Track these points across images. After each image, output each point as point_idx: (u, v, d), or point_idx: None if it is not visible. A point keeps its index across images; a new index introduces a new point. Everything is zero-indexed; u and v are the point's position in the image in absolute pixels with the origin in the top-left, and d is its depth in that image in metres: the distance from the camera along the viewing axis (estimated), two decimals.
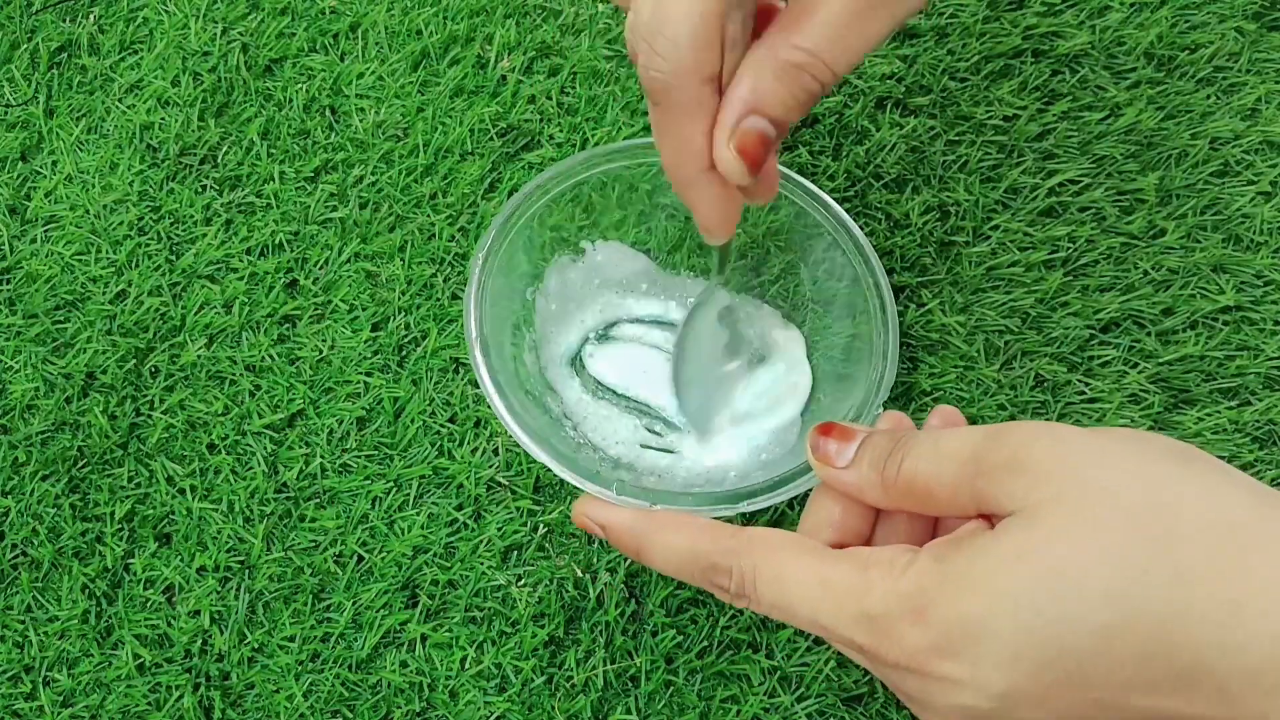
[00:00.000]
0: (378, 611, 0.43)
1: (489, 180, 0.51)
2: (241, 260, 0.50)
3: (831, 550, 0.30)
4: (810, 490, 0.36)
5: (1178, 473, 0.26)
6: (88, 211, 0.51)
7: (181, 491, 0.45)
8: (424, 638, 0.43)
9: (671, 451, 0.45)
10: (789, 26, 0.30)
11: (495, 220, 0.42)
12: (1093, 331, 0.48)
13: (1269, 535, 0.25)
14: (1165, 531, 0.25)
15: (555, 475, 0.38)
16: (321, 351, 0.48)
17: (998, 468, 0.28)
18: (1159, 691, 0.25)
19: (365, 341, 0.48)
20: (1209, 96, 0.53)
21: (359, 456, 0.46)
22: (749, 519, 0.44)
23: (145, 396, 0.47)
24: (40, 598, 0.44)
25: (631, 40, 0.31)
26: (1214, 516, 0.25)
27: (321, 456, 0.46)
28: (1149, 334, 0.48)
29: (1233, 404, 0.47)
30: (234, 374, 0.48)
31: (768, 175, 0.36)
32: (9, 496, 0.45)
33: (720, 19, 0.30)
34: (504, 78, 0.54)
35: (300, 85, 0.54)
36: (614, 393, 0.46)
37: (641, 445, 0.45)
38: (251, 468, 0.46)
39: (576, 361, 0.47)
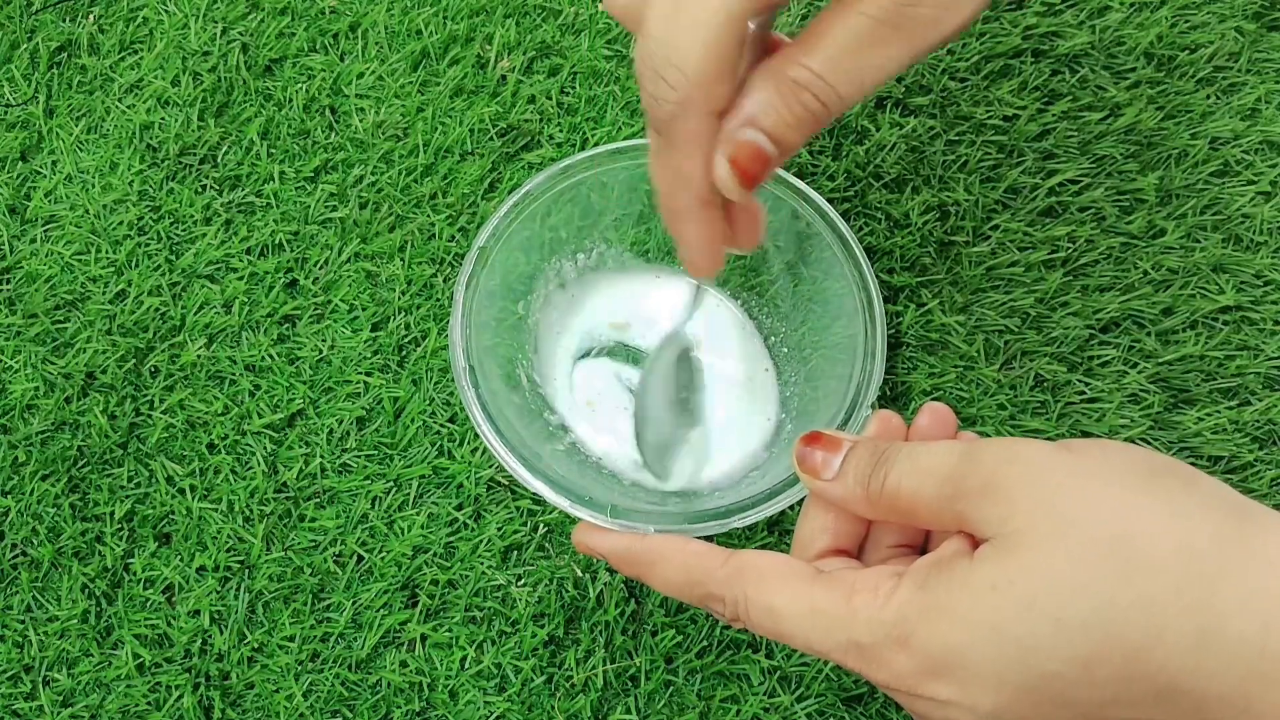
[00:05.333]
0: (377, 611, 0.43)
1: (489, 180, 0.51)
2: (241, 260, 0.50)
3: (819, 575, 0.30)
4: (801, 499, 0.36)
5: (1144, 498, 0.27)
6: (88, 211, 0.51)
7: (181, 491, 0.46)
8: (424, 638, 0.43)
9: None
10: (800, 46, 0.30)
11: (474, 243, 0.42)
12: (1093, 331, 0.48)
13: (1233, 558, 0.25)
14: (1130, 563, 0.26)
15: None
16: (321, 351, 0.48)
17: (974, 491, 0.28)
18: (1140, 707, 0.26)
19: (365, 341, 0.48)
20: (1209, 96, 0.53)
21: (359, 456, 0.46)
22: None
23: (145, 396, 0.47)
24: (40, 598, 0.44)
25: (640, 67, 0.30)
26: (1179, 543, 0.26)
27: (321, 456, 0.46)
28: (1149, 334, 0.48)
29: (1233, 404, 0.47)
30: (234, 374, 0.48)
31: (753, 220, 0.36)
32: (9, 496, 0.46)
33: (734, 55, 0.29)
34: (504, 78, 0.54)
35: (300, 85, 0.54)
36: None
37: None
38: (251, 468, 0.46)
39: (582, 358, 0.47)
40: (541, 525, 0.45)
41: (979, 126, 0.52)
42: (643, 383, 0.44)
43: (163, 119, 0.53)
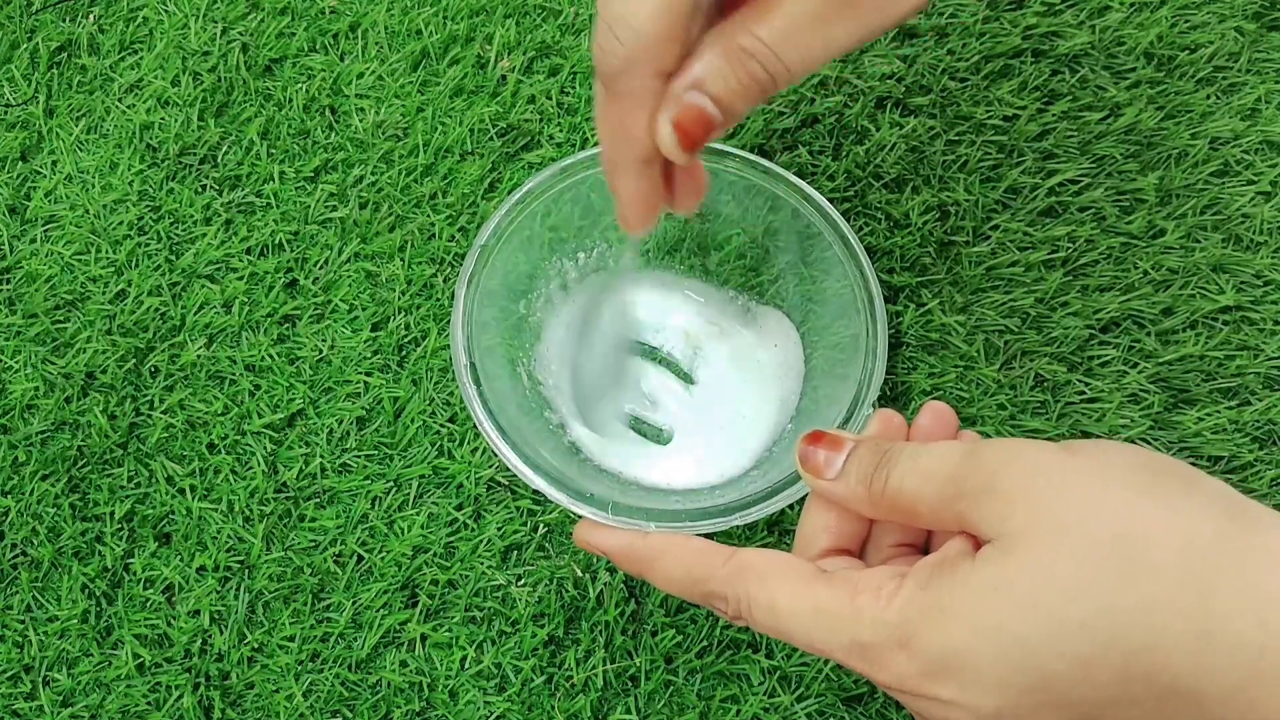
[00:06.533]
0: (377, 611, 0.43)
1: (489, 180, 0.51)
2: (241, 260, 0.50)
3: (822, 574, 0.30)
4: (802, 498, 0.36)
5: (1145, 499, 0.27)
6: (88, 211, 0.51)
7: (181, 491, 0.45)
8: (424, 638, 0.43)
9: (664, 434, 0.45)
10: (752, 14, 0.30)
11: (475, 241, 0.42)
12: (1093, 331, 0.48)
13: (1232, 558, 0.25)
14: (1131, 564, 0.26)
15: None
16: (321, 351, 0.48)
17: (976, 491, 0.28)
18: (1142, 707, 0.26)
19: (365, 341, 0.48)
20: (1209, 96, 0.53)
21: (359, 456, 0.46)
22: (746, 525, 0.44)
23: (145, 396, 0.47)
24: (40, 598, 0.44)
25: (598, 18, 0.30)
26: (1179, 544, 0.26)
27: (321, 456, 0.46)
28: (1149, 334, 0.48)
29: (1233, 404, 0.47)
30: (234, 374, 0.48)
31: (695, 182, 0.36)
32: (9, 496, 0.45)
33: (686, 17, 0.29)
34: (504, 78, 0.54)
35: (300, 85, 0.54)
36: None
37: (633, 423, 0.45)
38: (251, 467, 0.46)
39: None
40: (541, 525, 0.45)
41: (979, 126, 0.52)
42: (577, 337, 0.44)
43: (163, 119, 0.53)
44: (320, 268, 0.50)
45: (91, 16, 0.56)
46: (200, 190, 0.52)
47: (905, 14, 0.30)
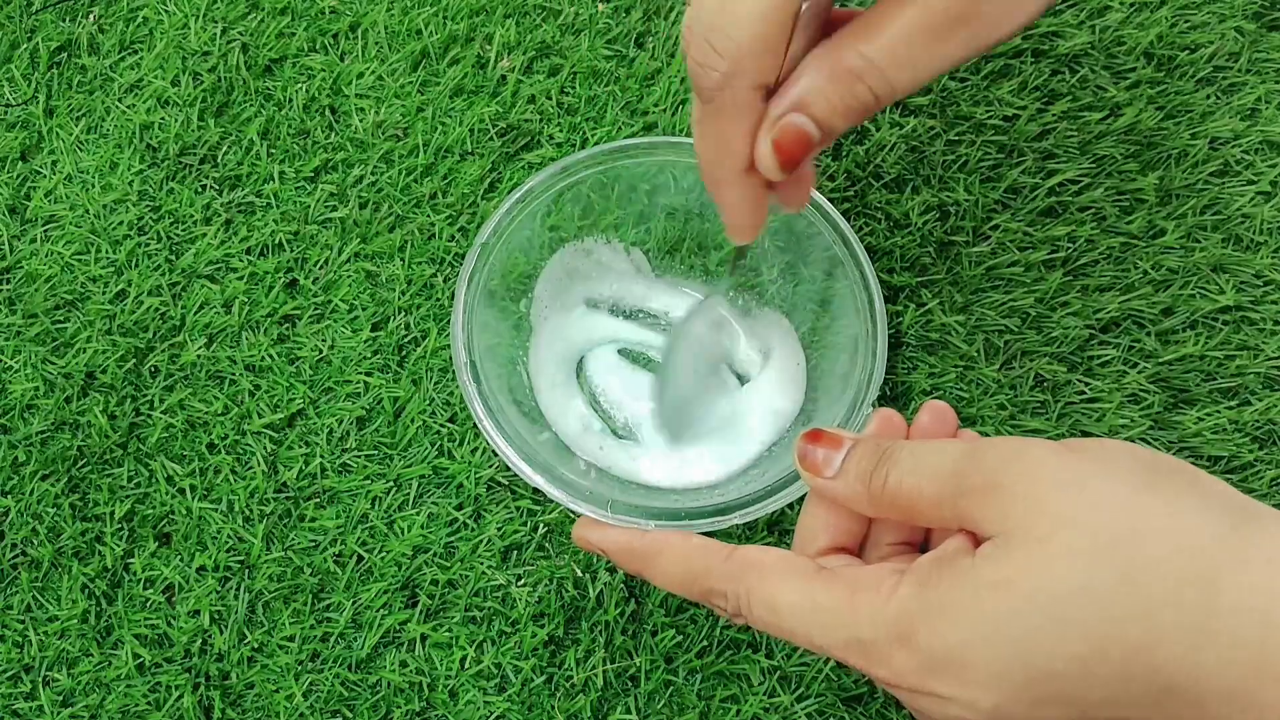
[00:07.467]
0: (377, 611, 0.43)
1: (489, 180, 0.51)
2: (241, 260, 0.50)
3: (822, 571, 0.30)
4: (802, 497, 0.36)
5: (1146, 497, 0.27)
6: (88, 211, 0.51)
7: (181, 491, 0.45)
8: (424, 637, 0.43)
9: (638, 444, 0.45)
10: (858, 32, 0.30)
11: (475, 241, 0.42)
12: (1093, 331, 0.48)
13: (1233, 559, 0.25)
14: (1131, 563, 0.25)
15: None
16: (321, 351, 0.48)
17: (976, 490, 0.28)
18: (1140, 705, 0.26)
19: (365, 341, 0.48)
20: (1209, 96, 0.53)
21: (359, 456, 0.46)
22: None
23: (145, 396, 0.47)
24: (40, 597, 0.44)
25: (688, 35, 0.30)
26: (1179, 543, 0.26)
27: (321, 456, 0.46)
28: (1149, 334, 0.48)
29: (1232, 404, 0.47)
30: (234, 374, 0.48)
31: (802, 182, 0.36)
32: (9, 496, 0.45)
33: (788, 28, 0.29)
34: (504, 78, 0.54)
35: (300, 85, 0.54)
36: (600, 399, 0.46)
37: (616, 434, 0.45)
38: (251, 467, 0.46)
39: (579, 368, 0.47)
40: (541, 525, 0.45)
41: (979, 126, 0.52)
42: (672, 341, 0.44)
43: (163, 119, 0.53)
44: (320, 268, 0.50)
45: (91, 16, 0.56)
46: (200, 190, 0.52)
47: (1019, 27, 0.29)
